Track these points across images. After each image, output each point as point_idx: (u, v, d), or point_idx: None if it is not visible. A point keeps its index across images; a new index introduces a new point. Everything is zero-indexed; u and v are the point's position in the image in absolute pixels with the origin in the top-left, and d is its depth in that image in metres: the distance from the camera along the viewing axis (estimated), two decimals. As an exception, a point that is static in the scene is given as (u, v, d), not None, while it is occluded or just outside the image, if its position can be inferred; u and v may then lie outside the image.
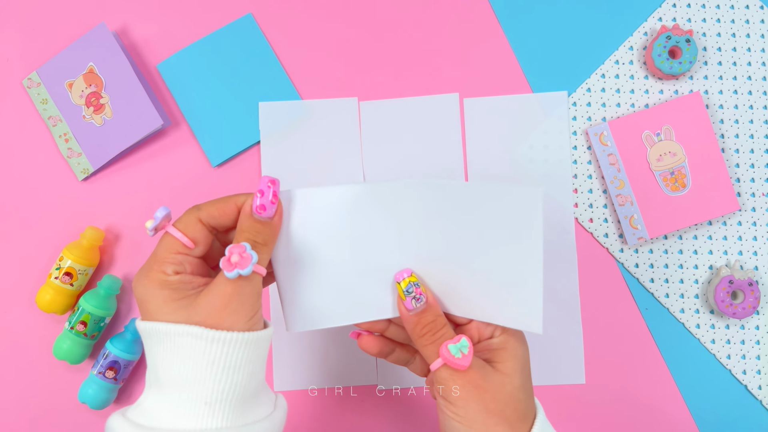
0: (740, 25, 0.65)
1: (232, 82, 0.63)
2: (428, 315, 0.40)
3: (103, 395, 0.58)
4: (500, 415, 0.38)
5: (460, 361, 0.38)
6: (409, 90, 0.63)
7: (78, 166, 0.62)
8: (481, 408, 0.38)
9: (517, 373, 0.39)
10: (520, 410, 0.39)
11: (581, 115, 0.63)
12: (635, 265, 0.63)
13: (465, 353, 0.38)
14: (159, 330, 0.36)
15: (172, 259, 0.38)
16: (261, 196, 0.38)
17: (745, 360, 0.62)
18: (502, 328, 0.40)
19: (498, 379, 0.39)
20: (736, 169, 0.64)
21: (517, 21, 0.64)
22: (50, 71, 0.62)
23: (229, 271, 0.36)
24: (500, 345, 0.40)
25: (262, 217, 0.38)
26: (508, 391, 0.39)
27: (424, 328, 0.40)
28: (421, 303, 0.40)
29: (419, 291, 0.40)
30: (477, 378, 0.38)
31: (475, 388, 0.38)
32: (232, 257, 0.36)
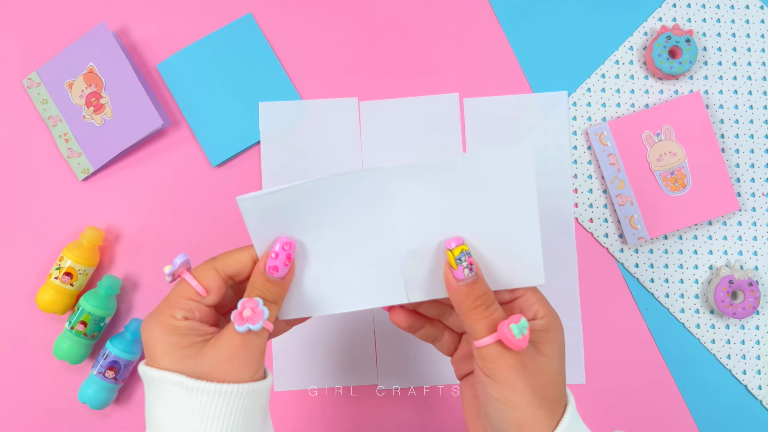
0: (740, 25, 0.65)
1: (232, 82, 0.63)
2: (480, 287, 0.38)
3: (103, 395, 0.58)
4: (543, 398, 0.38)
5: (520, 342, 0.36)
6: (409, 90, 0.63)
7: (78, 166, 0.62)
8: (527, 389, 0.37)
9: (557, 356, 0.39)
10: (558, 393, 0.39)
11: (581, 115, 0.63)
12: (635, 265, 0.63)
13: (525, 334, 0.36)
14: (147, 374, 0.37)
15: (183, 305, 0.38)
16: (275, 258, 0.39)
17: (745, 360, 0.62)
18: (544, 311, 0.39)
19: (542, 362, 0.38)
20: (736, 169, 0.64)
21: (517, 21, 0.64)
22: (50, 71, 0.62)
23: (240, 325, 0.36)
24: (544, 327, 0.39)
25: (274, 278, 0.39)
26: (550, 374, 0.38)
27: (476, 300, 0.38)
28: (472, 273, 0.38)
29: (471, 260, 0.38)
30: (525, 359, 0.38)
31: (524, 369, 0.37)
32: (244, 311, 0.37)
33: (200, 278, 0.39)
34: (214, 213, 0.62)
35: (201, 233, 0.62)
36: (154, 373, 0.37)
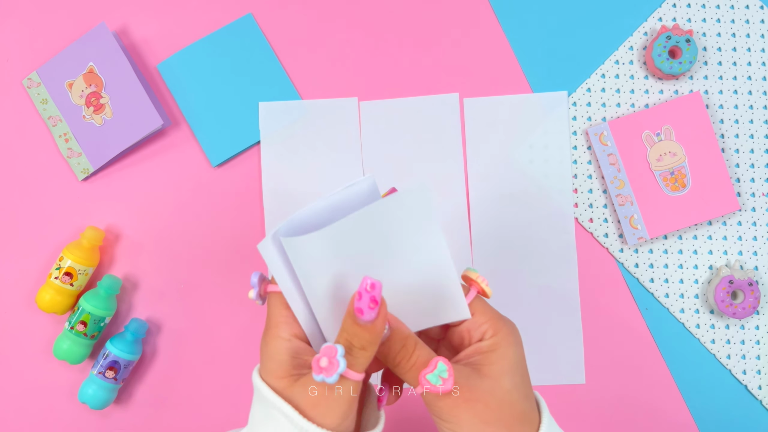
0: (740, 25, 0.65)
1: (232, 82, 0.63)
2: (396, 341, 0.38)
3: (103, 395, 0.58)
4: (497, 423, 0.37)
5: (443, 387, 0.36)
6: (409, 90, 0.63)
7: (78, 166, 0.62)
8: (475, 420, 0.37)
9: (506, 375, 0.38)
10: (517, 413, 0.38)
11: (581, 115, 0.63)
12: (635, 265, 0.63)
13: (445, 377, 0.35)
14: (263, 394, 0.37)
15: (286, 319, 0.38)
16: (359, 300, 0.35)
17: (745, 360, 0.62)
18: (492, 330, 0.39)
19: (487, 386, 0.37)
20: (736, 169, 0.64)
21: (517, 21, 0.64)
22: (50, 71, 0.62)
23: (317, 374, 0.34)
24: (489, 348, 0.38)
25: (362, 321, 0.35)
26: (499, 396, 0.37)
27: (396, 357, 0.38)
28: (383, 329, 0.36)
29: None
30: (464, 392, 0.37)
31: (465, 402, 0.37)
32: (321, 361, 0.34)
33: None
34: (214, 213, 0.62)
35: (201, 233, 0.62)
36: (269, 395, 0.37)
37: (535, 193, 0.62)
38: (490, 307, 0.40)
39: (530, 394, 0.39)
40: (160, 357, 0.62)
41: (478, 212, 0.62)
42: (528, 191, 0.63)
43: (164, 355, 0.62)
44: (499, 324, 0.39)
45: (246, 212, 0.62)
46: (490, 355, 0.38)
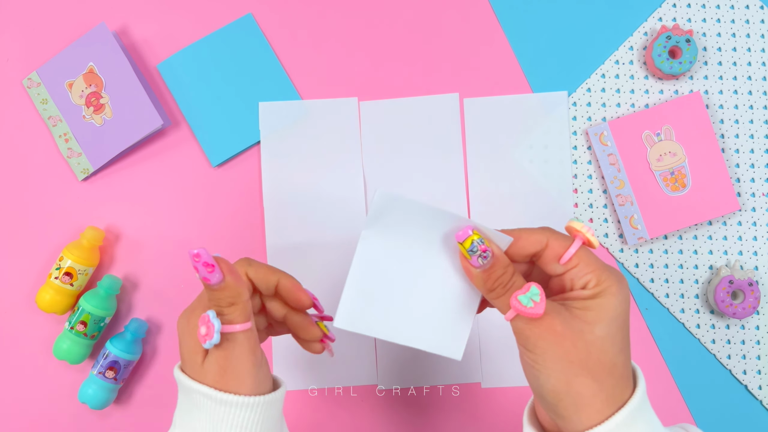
0: (740, 25, 0.65)
1: (232, 82, 0.63)
2: (497, 269, 0.39)
3: (103, 395, 0.58)
4: (581, 365, 0.36)
5: (533, 310, 0.37)
6: (409, 90, 0.63)
7: (78, 166, 0.62)
8: (560, 356, 0.37)
9: (601, 322, 0.37)
10: (606, 363, 0.37)
11: (581, 115, 0.63)
12: (635, 265, 0.63)
13: (537, 301, 0.37)
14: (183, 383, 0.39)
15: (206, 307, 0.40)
16: (197, 272, 0.38)
17: (745, 360, 0.62)
18: (596, 281, 0.38)
19: (577, 326, 0.37)
20: (736, 169, 0.64)
21: (517, 21, 0.64)
22: (50, 71, 0.62)
23: (204, 343, 0.37)
24: (590, 296, 0.38)
25: (213, 285, 0.39)
26: (589, 339, 0.37)
27: (495, 283, 0.39)
28: (488, 260, 0.39)
29: (483, 248, 0.39)
30: (555, 324, 0.37)
31: (553, 335, 0.37)
32: (201, 329, 0.37)
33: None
34: (214, 213, 0.62)
35: (201, 233, 0.62)
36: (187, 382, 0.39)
37: (535, 192, 0.62)
38: (595, 257, 0.40)
39: (626, 351, 0.38)
40: (160, 357, 0.62)
41: (478, 212, 0.62)
42: (528, 191, 0.62)
43: (164, 355, 0.62)
44: (603, 275, 0.39)
45: (246, 212, 0.62)
46: (589, 302, 0.38)
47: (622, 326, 0.38)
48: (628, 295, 0.39)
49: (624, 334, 0.38)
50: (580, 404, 0.36)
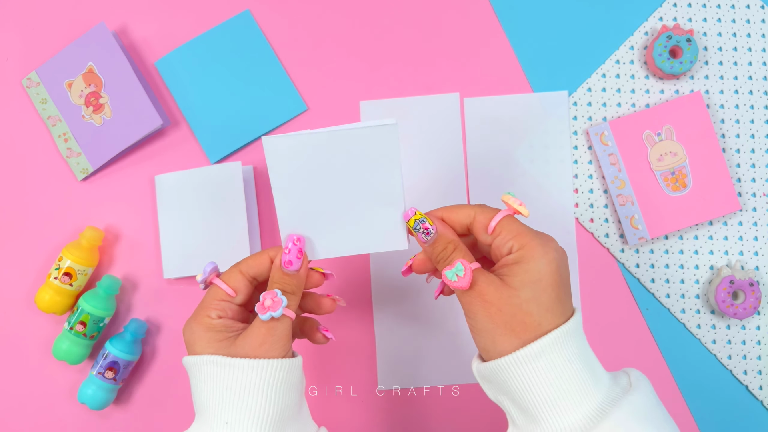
0: (741, 24, 0.64)
1: (229, 79, 0.63)
2: (438, 245, 0.44)
3: (103, 395, 0.58)
4: (505, 326, 0.41)
5: (458, 283, 0.42)
6: (409, 89, 0.63)
7: (77, 166, 0.62)
8: (487, 319, 0.41)
9: (526, 286, 0.41)
10: (530, 323, 0.40)
11: (582, 115, 0.63)
12: (636, 265, 0.62)
13: (461, 275, 0.42)
14: (189, 361, 0.43)
15: (216, 306, 0.44)
16: (288, 253, 0.45)
17: (745, 360, 0.62)
18: (519, 245, 0.42)
19: (506, 293, 0.41)
20: (737, 169, 0.64)
21: (517, 20, 0.64)
22: (49, 71, 0.62)
23: (263, 314, 0.42)
24: (514, 260, 0.42)
25: (290, 271, 0.45)
26: (515, 303, 0.41)
27: (437, 257, 0.44)
28: (431, 235, 0.44)
29: (425, 226, 0.44)
30: (484, 292, 0.41)
31: (482, 302, 0.41)
32: (266, 302, 0.42)
33: (228, 281, 0.45)
34: (213, 213, 0.62)
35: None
36: (195, 358, 0.43)
37: (536, 192, 0.62)
38: (520, 224, 0.43)
39: (555, 309, 0.41)
40: (159, 357, 0.61)
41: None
42: (528, 191, 0.62)
43: (164, 355, 0.61)
44: (525, 239, 0.42)
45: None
46: (513, 267, 0.42)
47: (547, 287, 0.41)
48: (554, 255, 0.42)
49: (551, 293, 0.41)
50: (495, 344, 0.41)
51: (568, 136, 0.63)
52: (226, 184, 0.59)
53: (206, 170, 0.60)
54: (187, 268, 0.60)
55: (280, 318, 0.43)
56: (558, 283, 0.42)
